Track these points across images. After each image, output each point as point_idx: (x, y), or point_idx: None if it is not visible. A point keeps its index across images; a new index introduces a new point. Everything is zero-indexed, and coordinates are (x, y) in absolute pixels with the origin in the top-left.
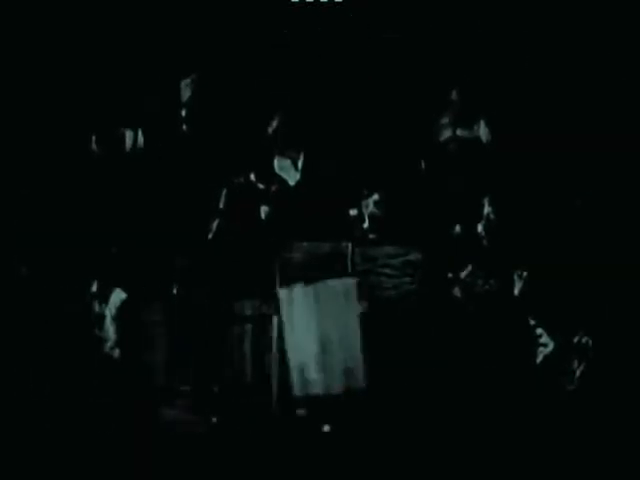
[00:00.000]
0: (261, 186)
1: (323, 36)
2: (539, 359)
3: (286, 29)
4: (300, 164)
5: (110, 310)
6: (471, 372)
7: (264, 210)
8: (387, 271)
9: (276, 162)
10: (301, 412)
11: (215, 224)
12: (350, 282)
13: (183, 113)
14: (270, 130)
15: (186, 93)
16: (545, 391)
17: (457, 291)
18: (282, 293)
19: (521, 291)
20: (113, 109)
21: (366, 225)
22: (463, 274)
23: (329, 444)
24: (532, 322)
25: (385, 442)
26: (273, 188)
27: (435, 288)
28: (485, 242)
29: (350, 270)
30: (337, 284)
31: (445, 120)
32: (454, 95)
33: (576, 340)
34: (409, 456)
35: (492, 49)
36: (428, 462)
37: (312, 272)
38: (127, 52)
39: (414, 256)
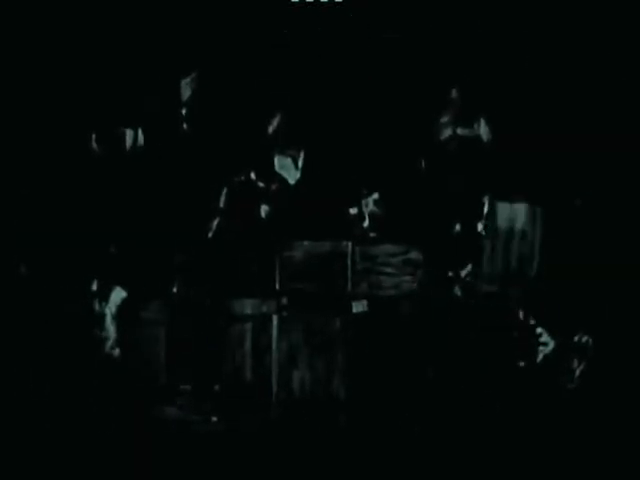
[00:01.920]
0: (261, 185)
1: (323, 36)
2: (539, 358)
3: (286, 29)
4: (300, 163)
5: (110, 309)
6: (471, 371)
7: (264, 209)
8: (387, 270)
9: (276, 161)
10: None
11: (215, 223)
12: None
13: (183, 112)
14: (270, 129)
15: (186, 92)
16: (545, 390)
17: (457, 290)
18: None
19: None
20: (113, 108)
21: (366, 224)
22: (463, 273)
23: (329, 443)
24: (532, 321)
25: (387, 439)
26: (273, 187)
27: (435, 287)
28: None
29: (350, 269)
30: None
31: (445, 119)
32: (454, 94)
33: (576, 339)
34: (411, 455)
35: (493, 48)
36: (428, 460)
37: (312, 271)
38: (127, 51)
39: (414, 255)
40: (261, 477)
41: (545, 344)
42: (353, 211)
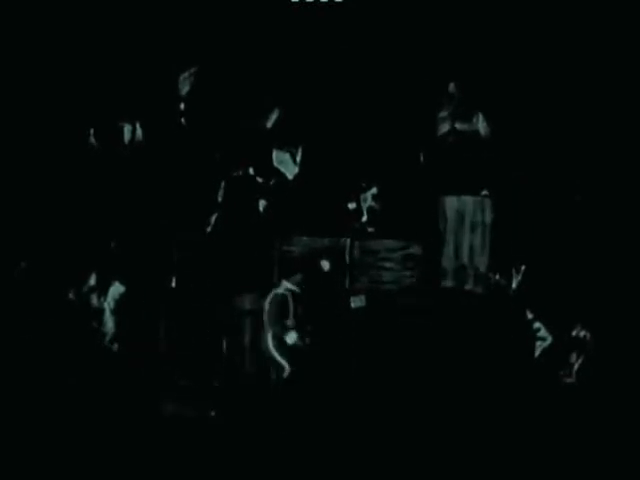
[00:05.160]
0: (260, 180)
1: (322, 34)
2: (537, 353)
3: (286, 28)
4: (299, 158)
5: (109, 304)
6: (470, 366)
7: (263, 204)
8: (387, 265)
9: (275, 156)
10: None
11: (214, 218)
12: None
13: (182, 107)
14: (269, 124)
15: (185, 87)
16: (543, 384)
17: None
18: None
19: (519, 285)
20: (112, 103)
21: (365, 219)
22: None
23: (327, 437)
24: (530, 316)
25: (385, 434)
26: (272, 182)
27: (434, 281)
28: None
29: (349, 263)
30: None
31: (444, 114)
32: (453, 89)
33: (574, 334)
34: (408, 448)
35: (491, 43)
36: (426, 452)
37: (311, 266)
38: (126, 47)
39: (414, 249)
40: (259, 469)
41: (543, 339)
42: (352, 206)
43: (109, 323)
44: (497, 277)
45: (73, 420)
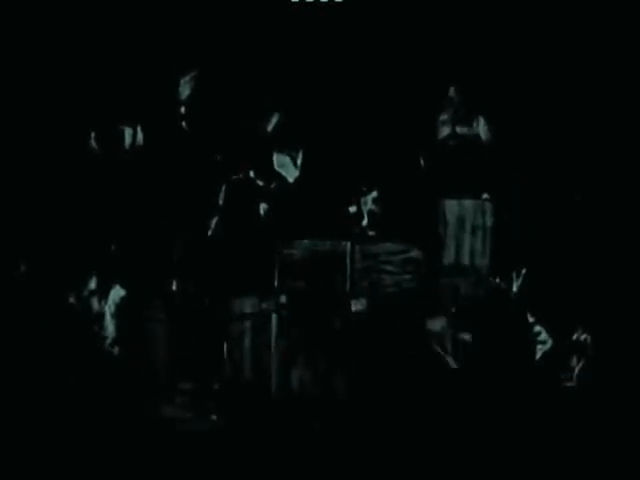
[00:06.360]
0: (260, 183)
1: (322, 36)
2: (538, 356)
3: (286, 29)
4: (299, 161)
5: (110, 307)
6: (470, 369)
7: (263, 207)
8: (388, 268)
9: (275, 159)
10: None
11: (214, 221)
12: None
13: (182, 110)
14: (269, 127)
15: (185, 90)
16: (544, 389)
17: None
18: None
19: (520, 288)
20: (112, 106)
21: (365, 222)
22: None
23: (327, 441)
24: (531, 319)
25: (385, 439)
26: (272, 185)
27: (435, 285)
28: None
29: (349, 267)
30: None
31: (444, 117)
32: (453, 92)
33: (575, 337)
34: (408, 453)
35: (491, 47)
36: (427, 458)
37: (311, 269)
38: (126, 49)
39: (415, 253)
40: (260, 474)
41: (544, 342)
42: (352, 209)
43: (110, 327)
44: (497, 280)
45: (73, 424)
